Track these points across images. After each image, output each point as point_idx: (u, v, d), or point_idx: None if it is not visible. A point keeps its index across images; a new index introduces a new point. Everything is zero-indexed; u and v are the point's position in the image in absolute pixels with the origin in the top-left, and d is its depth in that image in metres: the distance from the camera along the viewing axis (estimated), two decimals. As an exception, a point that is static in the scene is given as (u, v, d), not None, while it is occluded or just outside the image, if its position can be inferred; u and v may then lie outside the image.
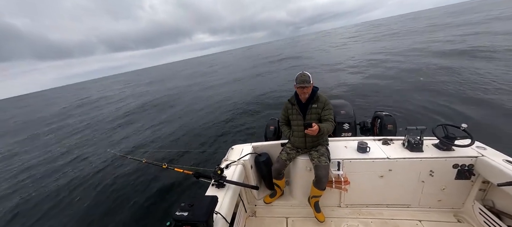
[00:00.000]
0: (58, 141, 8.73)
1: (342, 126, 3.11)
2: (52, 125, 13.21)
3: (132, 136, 7.55)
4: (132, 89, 26.95)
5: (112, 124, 9.59)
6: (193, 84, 18.89)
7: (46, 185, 5.20)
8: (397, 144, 2.36)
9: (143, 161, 2.44)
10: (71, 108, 19.78)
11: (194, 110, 9.58)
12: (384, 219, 2.25)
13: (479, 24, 22.38)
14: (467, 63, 9.92)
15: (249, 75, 17.44)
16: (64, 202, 4.43)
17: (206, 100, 11.32)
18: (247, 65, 28.35)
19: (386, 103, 7.22)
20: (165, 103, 12.34)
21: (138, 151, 6.16)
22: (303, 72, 2.15)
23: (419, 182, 2.20)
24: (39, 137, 10.44)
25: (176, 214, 1.38)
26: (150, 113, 10.33)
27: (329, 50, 27.57)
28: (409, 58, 13.52)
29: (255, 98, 10.18)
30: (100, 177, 5.13)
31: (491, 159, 1.93)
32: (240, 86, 13.51)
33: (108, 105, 15.80)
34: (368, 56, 17.05)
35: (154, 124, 8.50)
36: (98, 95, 26.99)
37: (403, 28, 37.51)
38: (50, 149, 7.84)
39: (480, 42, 13.26)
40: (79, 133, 9.23)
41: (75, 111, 17.29)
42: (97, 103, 19.06)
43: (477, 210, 2.06)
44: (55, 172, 5.88)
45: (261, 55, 44.06)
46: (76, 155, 6.70)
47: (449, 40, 16.44)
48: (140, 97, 15.70)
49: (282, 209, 2.52)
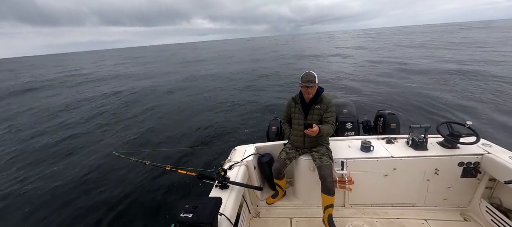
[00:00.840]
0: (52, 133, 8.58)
1: (345, 125, 3.11)
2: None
3: (133, 136, 7.58)
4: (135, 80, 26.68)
5: (113, 123, 9.62)
6: (192, 84, 18.88)
7: (46, 184, 5.23)
8: (401, 143, 2.34)
9: (146, 163, 2.45)
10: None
11: (194, 110, 9.60)
12: (389, 219, 2.23)
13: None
14: (473, 67, 9.86)
15: (252, 73, 17.40)
16: (64, 202, 4.45)
17: (206, 100, 11.34)
18: (250, 59, 28.10)
19: (389, 102, 7.19)
20: (166, 103, 12.38)
21: (140, 152, 6.18)
22: (309, 72, 2.13)
23: (424, 181, 2.18)
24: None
25: (181, 216, 1.38)
26: (150, 113, 10.36)
27: (336, 50, 27.52)
28: (412, 59, 13.47)
29: (257, 98, 10.18)
30: (103, 178, 5.16)
31: (497, 156, 1.91)
32: (241, 87, 13.52)
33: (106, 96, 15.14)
34: (372, 57, 17.04)
35: (155, 124, 8.52)
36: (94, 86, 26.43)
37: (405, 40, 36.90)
38: (45, 139, 7.79)
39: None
40: (78, 131, 9.21)
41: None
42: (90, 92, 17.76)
43: (484, 208, 2.03)
44: (55, 171, 5.90)
45: (265, 48, 43.52)
46: (76, 154, 6.70)
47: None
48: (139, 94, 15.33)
49: (286, 210, 2.51)
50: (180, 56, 39.46)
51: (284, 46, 43.78)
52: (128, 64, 33.38)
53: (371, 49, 27.03)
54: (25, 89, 17.77)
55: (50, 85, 19.11)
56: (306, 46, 38.65)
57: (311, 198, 2.47)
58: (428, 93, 7.51)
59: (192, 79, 16.49)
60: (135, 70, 24.66)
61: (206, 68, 21.38)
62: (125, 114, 9.93)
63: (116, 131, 8.19)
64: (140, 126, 8.34)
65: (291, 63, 20.43)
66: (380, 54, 20.74)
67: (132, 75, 21.10)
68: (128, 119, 9.26)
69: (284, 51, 33.89)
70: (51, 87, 18.08)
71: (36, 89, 17.62)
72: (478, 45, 20.72)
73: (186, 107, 10.13)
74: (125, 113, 9.98)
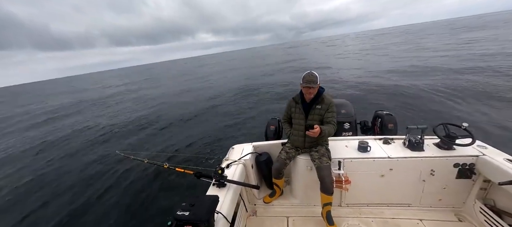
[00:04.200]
0: (55, 138, 8.68)
1: (343, 125, 3.12)
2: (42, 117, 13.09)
3: (133, 136, 7.57)
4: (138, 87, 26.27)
5: (115, 123, 9.63)
6: (192, 84, 18.83)
7: (44, 184, 5.22)
8: (398, 143, 2.35)
9: (144, 161, 2.45)
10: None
11: (194, 111, 9.59)
12: (385, 218, 2.25)
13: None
14: (469, 64, 9.91)
15: (252, 76, 17.37)
16: (63, 202, 4.43)
17: (206, 100, 11.33)
18: (250, 66, 28.07)
19: (386, 103, 7.22)
20: (166, 103, 12.36)
21: (139, 151, 6.17)
22: (310, 72, 2.13)
23: (420, 181, 2.20)
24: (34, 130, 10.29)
25: (177, 214, 1.38)
26: (151, 113, 10.35)
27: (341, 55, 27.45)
28: (411, 60, 13.52)
29: (256, 99, 10.19)
30: (102, 176, 5.15)
31: (492, 158, 1.93)
32: (242, 86, 13.51)
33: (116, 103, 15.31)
34: (371, 58, 17.05)
35: (155, 124, 8.51)
36: (100, 93, 25.58)
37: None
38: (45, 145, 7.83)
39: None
40: (78, 131, 9.25)
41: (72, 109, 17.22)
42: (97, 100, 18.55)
43: (478, 209, 2.05)
44: (54, 169, 5.89)
45: (269, 56, 42.79)
46: (76, 154, 6.70)
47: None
48: (144, 98, 15.43)
49: (283, 209, 2.52)
50: (186, 71, 38.59)
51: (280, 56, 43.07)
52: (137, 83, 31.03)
53: (371, 50, 27.07)
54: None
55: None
56: (301, 52, 38.24)
57: (308, 197, 2.47)
58: (428, 93, 7.55)
59: (195, 89, 16.28)
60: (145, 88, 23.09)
61: (208, 80, 20.92)
62: (131, 117, 9.96)
63: (117, 131, 8.18)
64: (141, 127, 8.34)
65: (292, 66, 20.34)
66: (380, 53, 20.77)
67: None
68: (131, 121, 9.29)
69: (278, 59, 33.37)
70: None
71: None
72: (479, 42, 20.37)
73: (186, 107, 10.11)
74: (131, 117, 10.01)
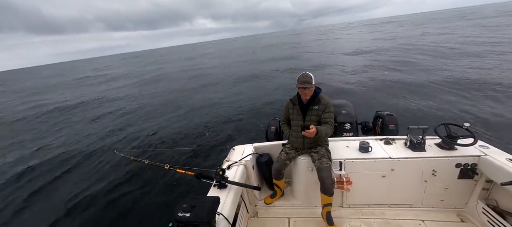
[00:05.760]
0: (56, 137, 8.61)
1: (344, 126, 3.11)
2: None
3: (133, 136, 7.56)
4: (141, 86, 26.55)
5: (115, 123, 9.62)
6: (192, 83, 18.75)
7: (45, 183, 5.21)
8: (399, 144, 2.35)
9: (145, 162, 2.45)
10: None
11: (194, 110, 9.58)
12: (386, 219, 2.24)
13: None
14: (470, 61, 9.88)
15: (251, 73, 17.31)
16: (63, 202, 4.43)
17: (206, 100, 11.32)
18: (252, 60, 27.83)
19: (387, 103, 7.20)
20: (166, 103, 12.35)
21: (140, 151, 6.17)
22: (305, 73, 2.14)
23: (422, 182, 2.19)
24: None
25: (178, 215, 1.38)
26: (151, 113, 10.34)
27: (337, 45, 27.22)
28: (413, 56, 13.47)
29: (256, 98, 10.17)
30: (102, 177, 5.14)
31: (494, 158, 1.92)
32: (242, 86, 13.49)
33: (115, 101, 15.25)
34: (371, 54, 17.05)
35: (155, 124, 8.51)
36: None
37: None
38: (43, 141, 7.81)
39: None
40: (78, 130, 9.22)
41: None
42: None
43: (481, 209, 2.04)
44: (56, 167, 5.88)
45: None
46: (76, 154, 6.68)
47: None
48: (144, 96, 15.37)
49: (284, 210, 2.52)
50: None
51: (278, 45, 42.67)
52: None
53: (372, 45, 26.77)
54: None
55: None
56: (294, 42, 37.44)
57: (309, 198, 2.47)
58: (427, 93, 7.53)
59: (194, 86, 16.21)
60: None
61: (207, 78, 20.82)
62: (129, 116, 9.98)
63: (117, 132, 8.19)
64: (141, 127, 8.34)
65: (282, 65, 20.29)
66: (381, 48, 20.53)
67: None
68: (131, 120, 9.30)
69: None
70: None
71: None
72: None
73: (186, 108, 10.12)
74: (129, 116, 10.03)
